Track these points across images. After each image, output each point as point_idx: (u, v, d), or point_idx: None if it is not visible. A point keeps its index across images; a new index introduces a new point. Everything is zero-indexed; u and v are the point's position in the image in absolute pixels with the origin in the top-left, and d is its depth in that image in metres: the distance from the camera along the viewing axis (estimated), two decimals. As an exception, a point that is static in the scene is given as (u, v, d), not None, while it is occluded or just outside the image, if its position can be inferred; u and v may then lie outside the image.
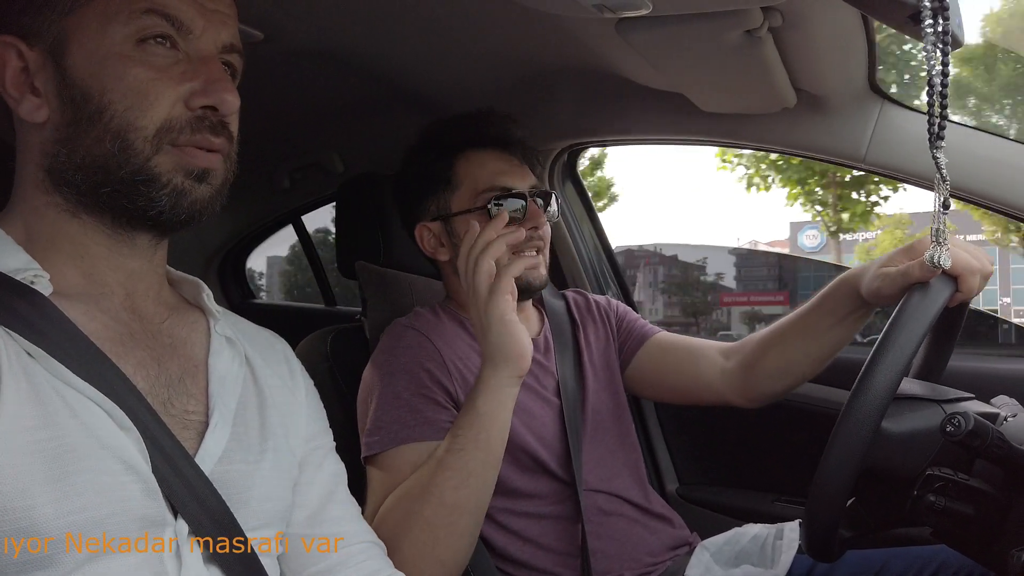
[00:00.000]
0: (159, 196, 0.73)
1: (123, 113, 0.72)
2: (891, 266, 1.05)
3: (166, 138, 0.73)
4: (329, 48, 1.42)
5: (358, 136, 1.95)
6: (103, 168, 0.72)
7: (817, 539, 0.92)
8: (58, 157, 0.73)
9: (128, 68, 0.72)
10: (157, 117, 0.72)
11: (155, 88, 0.72)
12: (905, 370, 0.89)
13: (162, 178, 0.73)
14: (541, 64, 1.49)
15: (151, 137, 0.72)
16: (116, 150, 0.72)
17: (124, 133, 0.72)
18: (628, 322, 1.49)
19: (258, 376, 0.88)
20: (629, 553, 1.28)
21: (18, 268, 0.71)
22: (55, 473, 0.63)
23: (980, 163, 1.30)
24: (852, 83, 1.36)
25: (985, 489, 0.89)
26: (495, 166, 1.31)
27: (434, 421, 1.17)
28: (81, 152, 0.72)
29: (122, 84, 0.71)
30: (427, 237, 1.35)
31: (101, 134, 0.72)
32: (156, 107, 0.72)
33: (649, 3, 0.96)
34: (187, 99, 0.74)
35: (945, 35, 0.75)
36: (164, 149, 0.73)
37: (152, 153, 0.73)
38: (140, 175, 0.73)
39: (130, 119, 0.72)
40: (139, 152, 0.72)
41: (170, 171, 0.74)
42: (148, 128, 0.72)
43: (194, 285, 0.87)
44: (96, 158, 0.72)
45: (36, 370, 0.67)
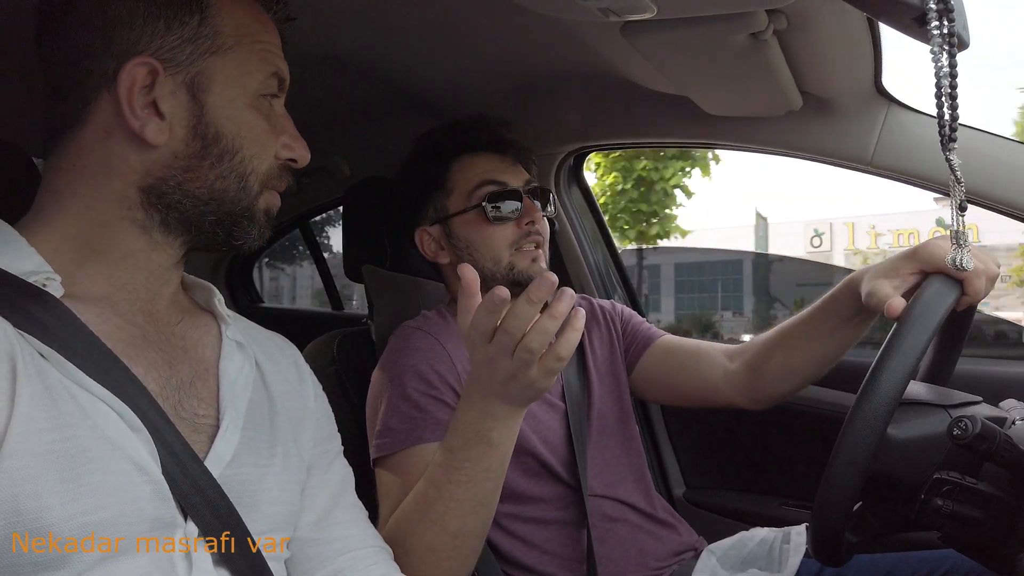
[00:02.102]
0: (252, 229, 0.83)
1: (250, 159, 0.81)
2: (893, 272, 1.03)
3: (269, 183, 0.84)
4: (336, 53, 1.42)
5: (365, 141, 1.96)
6: (219, 200, 0.80)
7: (824, 544, 0.91)
8: (167, 180, 0.78)
9: (256, 118, 0.81)
10: (266, 164, 0.83)
11: (269, 139, 0.83)
12: (911, 374, 0.88)
13: (259, 216, 0.83)
14: (547, 68, 1.50)
15: (261, 180, 0.82)
16: (236, 188, 0.80)
17: (247, 175, 0.81)
18: (633, 326, 1.49)
19: (268, 380, 0.88)
20: (634, 559, 1.28)
21: (31, 271, 0.72)
22: (68, 474, 0.64)
23: (994, 167, 1.29)
24: (858, 86, 1.36)
25: (993, 493, 0.88)
26: (487, 165, 1.34)
27: (444, 422, 1.17)
28: (198, 182, 0.79)
29: (252, 133, 0.81)
30: (427, 241, 1.37)
31: (226, 172, 0.79)
32: (267, 155, 0.82)
33: (654, 6, 0.96)
34: (278, 151, 0.84)
35: (951, 37, 0.75)
36: (264, 191, 0.83)
37: (258, 194, 0.82)
38: (247, 211, 0.82)
39: (253, 165, 0.81)
40: (251, 192, 0.82)
41: (264, 210, 0.84)
42: (261, 173, 0.82)
43: (206, 290, 0.89)
44: (215, 191, 0.79)
45: (49, 372, 0.67)
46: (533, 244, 1.32)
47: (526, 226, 1.31)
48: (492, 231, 1.31)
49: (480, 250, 1.31)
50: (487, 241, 1.31)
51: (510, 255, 1.31)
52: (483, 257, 1.31)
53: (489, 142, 1.36)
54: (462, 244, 1.33)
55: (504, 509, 1.23)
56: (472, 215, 1.32)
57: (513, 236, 1.31)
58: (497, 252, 1.31)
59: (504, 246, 1.31)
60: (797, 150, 1.51)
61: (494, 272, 1.31)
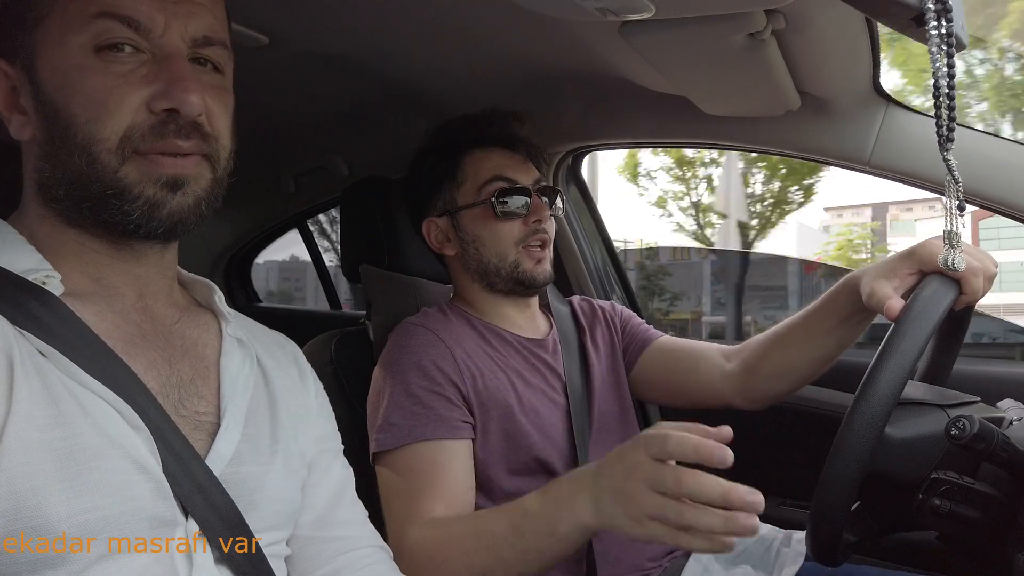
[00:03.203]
0: (131, 209, 0.71)
1: (85, 126, 0.70)
2: (891, 272, 1.03)
3: (129, 146, 0.70)
4: (334, 52, 1.42)
5: (363, 140, 1.96)
6: (79, 183, 0.71)
7: (822, 543, 0.91)
8: (43, 173, 0.73)
9: (87, 78, 0.69)
10: (119, 126, 0.70)
11: (115, 96, 0.70)
12: (909, 374, 0.88)
13: (132, 190, 0.71)
14: (545, 68, 1.50)
15: (115, 148, 0.70)
16: (85, 165, 0.70)
17: (89, 147, 0.70)
18: (632, 327, 1.49)
19: (269, 378, 0.88)
20: (631, 558, 1.27)
21: (30, 268, 0.72)
22: (67, 472, 0.63)
23: (991, 167, 1.29)
24: (856, 86, 1.36)
25: (991, 493, 0.89)
26: (498, 161, 1.35)
27: (447, 419, 1.18)
28: (60, 169, 0.72)
29: (82, 96, 0.70)
30: (434, 232, 1.38)
31: (72, 149, 0.70)
32: (117, 116, 0.70)
33: (652, 6, 0.96)
34: (149, 103, 0.71)
35: (949, 37, 0.75)
36: (130, 158, 0.71)
37: (119, 164, 0.70)
38: (110, 188, 0.71)
39: (92, 132, 0.70)
40: (105, 165, 0.70)
41: (139, 182, 0.71)
42: (111, 139, 0.70)
43: (206, 287, 0.88)
44: (71, 174, 0.71)
45: (48, 369, 0.67)
46: (539, 243, 1.33)
47: (533, 224, 1.32)
48: (500, 227, 1.32)
49: (487, 245, 1.33)
50: (494, 237, 1.32)
51: (516, 253, 1.32)
52: (489, 252, 1.33)
53: (500, 137, 1.37)
54: (469, 238, 1.34)
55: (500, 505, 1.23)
56: (480, 209, 1.33)
57: (520, 233, 1.32)
58: (503, 249, 1.32)
59: (511, 243, 1.32)
60: (795, 150, 1.51)
61: (498, 268, 1.32)
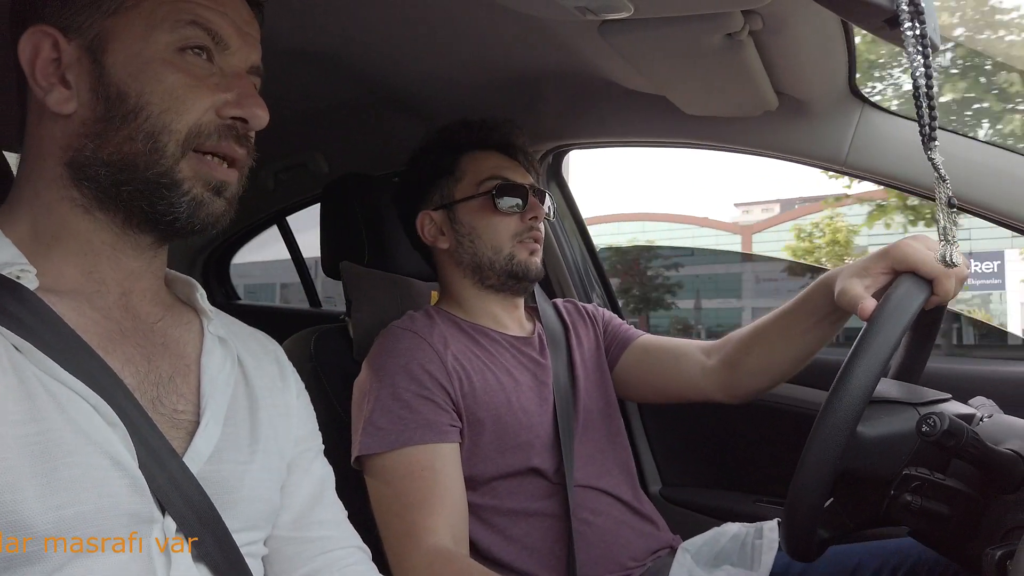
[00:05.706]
0: (179, 202, 0.76)
1: (159, 115, 0.74)
2: (864, 271, 1.04)
3: (194, 142, 0.75)
4: (316, 49, 1.42)
5: (344, 137, 1.95)
6: (130, 166, 0.74)
7: (796, 540, 0.92)
8: (83, 151, 0.75)
9: (168, 73, 0.74)
10: (189, 121, 0.75)
11: (191, 94, 0.75)
12: (881, 373, 0.89)
13: (184, 184, 0.75)
14: (526, 67, 1.50)
15: (181, 141, 0.75)
16: (147, 150, 0.74)
17: (157, 134, 0.74)
18: (613, 327, 1.51)
19: (250, 377, 0.88)
20: (614, 556, 1.28)
21: (5, 262, 0.71)
22: (42, 468, 0.63)
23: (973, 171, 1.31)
24: (833, 87, 1.37)
25: (961, 489, 0.90)
26: (497, 162, 1.40)
27: (435, 423, 1.18)
28: (109, 148, 0.74)
29: (161, 87, 0.74)
30: (428, 224, 1.40)
31: (134, 133, 0.73)
32: (190, 112, 0.75)
33: (631, 6, 0.96)
34: (219, 108, 0.77)
35: (924, 38, 0.76)
36: (189, 156, 0.75)
37: (179, 157, 0.75)
38: (165, 178, 0.75)
39: (165, 121, 0.74)
40: (168, 155, 0.74)
41: (191, 179, 0.76)
42: (180, 132, 0.74)
43: (188, 284, 0.88)
44: (125, 155, 0.74)
45: (24, 365, 0.66)
46: (533, 239, 1.37)
47: (530, 220, 1.36)
48: (498, 220, 1.35)
49: (483, 237, 1.35)
50: (491, 229, 1.35)
51: (511, 246, 1.35)
52: (484, 245, 1.35)
53: (499, 142, 1.42)
54: (465, 230, 1.36)
55: (485, 501, 1.24)
56: (479, 202, 1.35)
57: (517, 228, 1.36)
58: (499, 242, 1.35)
59: (507, 237, 1.35)
60: (773, 150, 1.52)
61: (492, 262, 1.35)
